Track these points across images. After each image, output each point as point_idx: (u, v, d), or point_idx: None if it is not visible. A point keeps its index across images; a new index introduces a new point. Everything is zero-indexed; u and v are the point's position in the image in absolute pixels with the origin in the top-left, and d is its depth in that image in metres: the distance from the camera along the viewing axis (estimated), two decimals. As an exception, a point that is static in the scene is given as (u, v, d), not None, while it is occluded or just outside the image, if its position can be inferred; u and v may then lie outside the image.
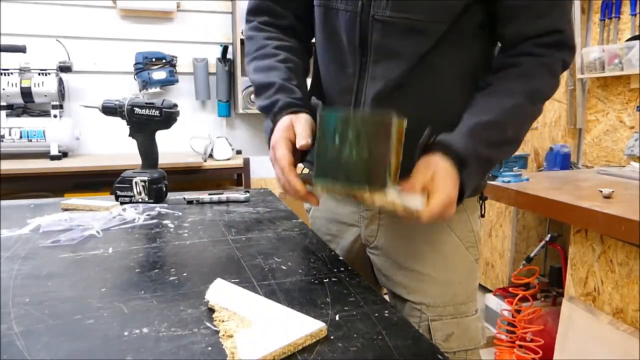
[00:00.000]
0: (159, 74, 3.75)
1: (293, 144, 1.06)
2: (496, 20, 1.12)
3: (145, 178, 1.60)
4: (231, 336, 0.69)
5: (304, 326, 0.72)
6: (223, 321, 0.75)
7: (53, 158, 3.36)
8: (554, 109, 3.91)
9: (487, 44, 1.18)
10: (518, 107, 1.08)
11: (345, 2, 1.12)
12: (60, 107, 3.50)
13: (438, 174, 0.98)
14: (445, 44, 1.11)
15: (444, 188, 0.97)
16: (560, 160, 3.52)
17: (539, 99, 1.12)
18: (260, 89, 1.19)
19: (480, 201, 1.30)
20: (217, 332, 0.72)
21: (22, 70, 3.41)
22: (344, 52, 1.17)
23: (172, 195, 1.71)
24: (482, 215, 1.32)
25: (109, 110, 1.62)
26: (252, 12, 1.32)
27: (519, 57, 1.11)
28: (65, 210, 1.51)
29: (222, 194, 1.64)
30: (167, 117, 1.62)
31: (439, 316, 1.23)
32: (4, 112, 3.34)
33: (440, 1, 1.05)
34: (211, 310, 0.80)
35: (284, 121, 1.10)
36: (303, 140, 1.03)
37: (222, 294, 0.84)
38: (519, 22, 1.10)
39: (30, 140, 3.36)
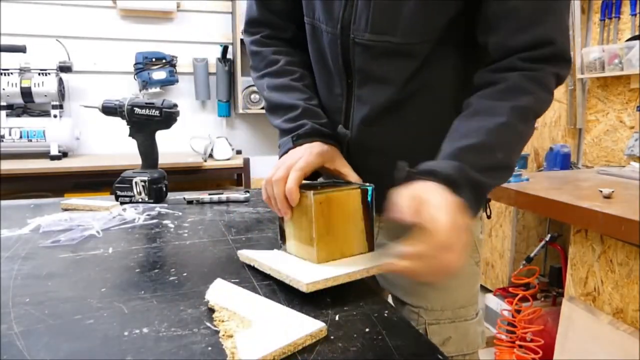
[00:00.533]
0: (159, 74, 3.75)
1: (313, 171, 1.02)
2: (477, 31, 1.01)
3: (145, 178, 1.60)
4: (231, 336, 0.69)
5: (304, 326, 0.72)
6: (223, 321, 0.75)
7: (53, 158, 3.36)
8: (554, 109, 3.92)
9: (476, 59, 1.05)
10: (505, 126, 0.91)
11: (326, 23, 1.09)
12: (60, 107, 3.50)
13: (429, 201, 0.79)
14: (433, 62, 1.05)
15: (440, 214, 0.77)
16: (560, 160, 3.52)
17: (529, 116, 0.97)
18: (279, 109, 1.15)
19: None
20: (217, 332, 0.72)
21: (22, 70, 3.41)
22: (331, 72, 1.14)
23: (172, 195, 1.71)
24: (488, 217, 1.28)
25: (109, 110, 1.62)
26: (252, 24, 1.28)
27: (503, 72, 0.97)
28: (65, 210, 1.51)
29: (222, 194, 1.64)
30: (167, 117, 1.62)
31: (436, 320, 1.21)
32: (4, 112, 3.34)
33: (421, 20, 0.99)
34: (211, 310, 0.80)
35: (320, 146, 1.04)
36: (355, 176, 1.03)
37: (222, 294, 0.84)
38: (500, 34, 0.96)
39: (30, 140, 3.36)
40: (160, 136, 1.64)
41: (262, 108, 3.85)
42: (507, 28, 0.95)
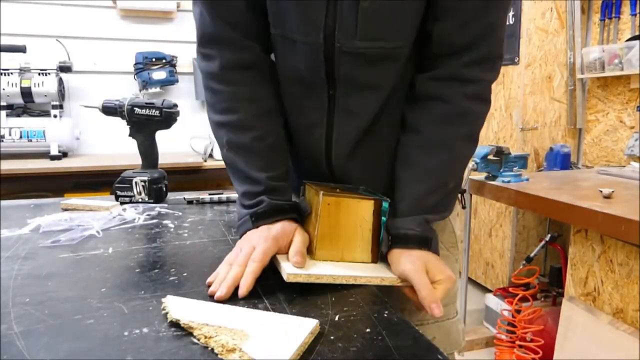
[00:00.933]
0: (159, 74, 3.75)
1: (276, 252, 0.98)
2: (426, 19, 1.00)
3: (145, 178, 1.60)
4: (233, 350, 0.67)
5: (302, 326, 0.72)
6: (211, 337, 0.70)
7: (53, 158, 3.36)
8: (554, 109, 3.91)
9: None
10: (456, 157, 1.06)
11: (303, 33, 1.00)
12: (60, 107, 3.50)
13: (430, 264, 0.98)
14: (408, 62, 1.06)
15: (443, 273, 0.97)
16: (560, 160, 3.52)
17: (474, 138, 1.08)
18: (240, 176, 1.09)
19: (459, 195, 1.28)
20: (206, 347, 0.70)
21: (22, 70, 3.41)
22: (308, 84, 1.06)
23: (172, 195, 1.71)
24: (463, 207, 1.32)
25: (109, 110, 1.62)
26: (206, 42, 1.09)
27: (447, 85, 1.03)
28: (65, 210, 1.51)
29: (222, 194, 1.64)
30: (167, 117, 1.62)
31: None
32: (4, 112, 3.35)
33: (408, 21, 0.98)
34: (184, 329, 0.74)
35: (277, 228, 1.00)
36: (301, 258, 0.95)
37: (186, 309, 0.78)
38: (445, 25, 0.99)
39: (30, 140, 3.36)
40: (160, 136, 1.64)
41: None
42: (453, 21, 0.98)
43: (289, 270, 0.90)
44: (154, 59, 3.76)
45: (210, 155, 3.67)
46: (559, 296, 3.18)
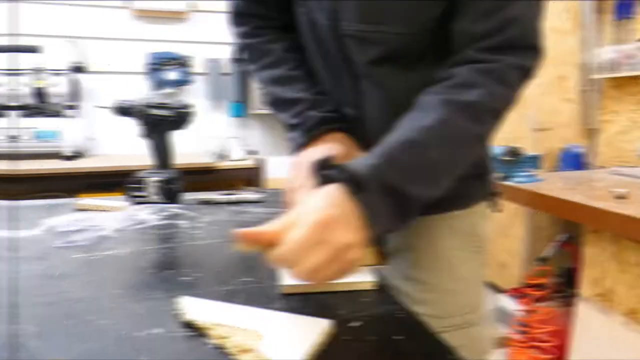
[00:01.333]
0: (173, 75, 3.77)
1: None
2: (450, 19, 0.92)
3: (160, 178, 1.60)
4: (248, 350, 0.67)
5: (316, 326, 0.72)
6: (225, 337, 0.70)
7: (67, 158, 3.38)
8: (567, 110, 3.89)
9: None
10: (444, 123, 0.85)
11: (320, 12, 1.00)
12: (75, 107, 3.52)
13: (313, 198, 0.79)
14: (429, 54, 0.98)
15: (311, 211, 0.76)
16: (574, 161, 3.51)
17: (480, 113, 0.88)
18: (283, 104, 1.11)
19: (492, 199, 1.21)
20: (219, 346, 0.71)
21: (37, 71, 3.43)
22: (334, 64, 1.06)
23: (186, 196, 1.71)
24: (500, 210, 1.23)
25: (123, 110, 1.63)
26: (238, 17, 1.20)
27: (455, 67, 0.90)
28: (79, 210, 1.52)
29: (236, 194, 1.64)
30: (181, 118, 1.62)
31: (445, 328, 1.10)
32: (18, 113, 3.36)
33: (413, 5, 0.91)
34: (197, 329, 0.75)
35: (335, 142, 1.01)
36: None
37: (200, 310, 0.79)
38: (465, 19, 0.89)
39: (45, 141, 3.37)
40: (174, 136, 1.65)
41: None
42: (472, 12, 0.88)
43: (286, 282, 0.89)
44: (168, 60, 3.77)
45: (224, 156, 3.68)
46: (573, 297, 3.16)
